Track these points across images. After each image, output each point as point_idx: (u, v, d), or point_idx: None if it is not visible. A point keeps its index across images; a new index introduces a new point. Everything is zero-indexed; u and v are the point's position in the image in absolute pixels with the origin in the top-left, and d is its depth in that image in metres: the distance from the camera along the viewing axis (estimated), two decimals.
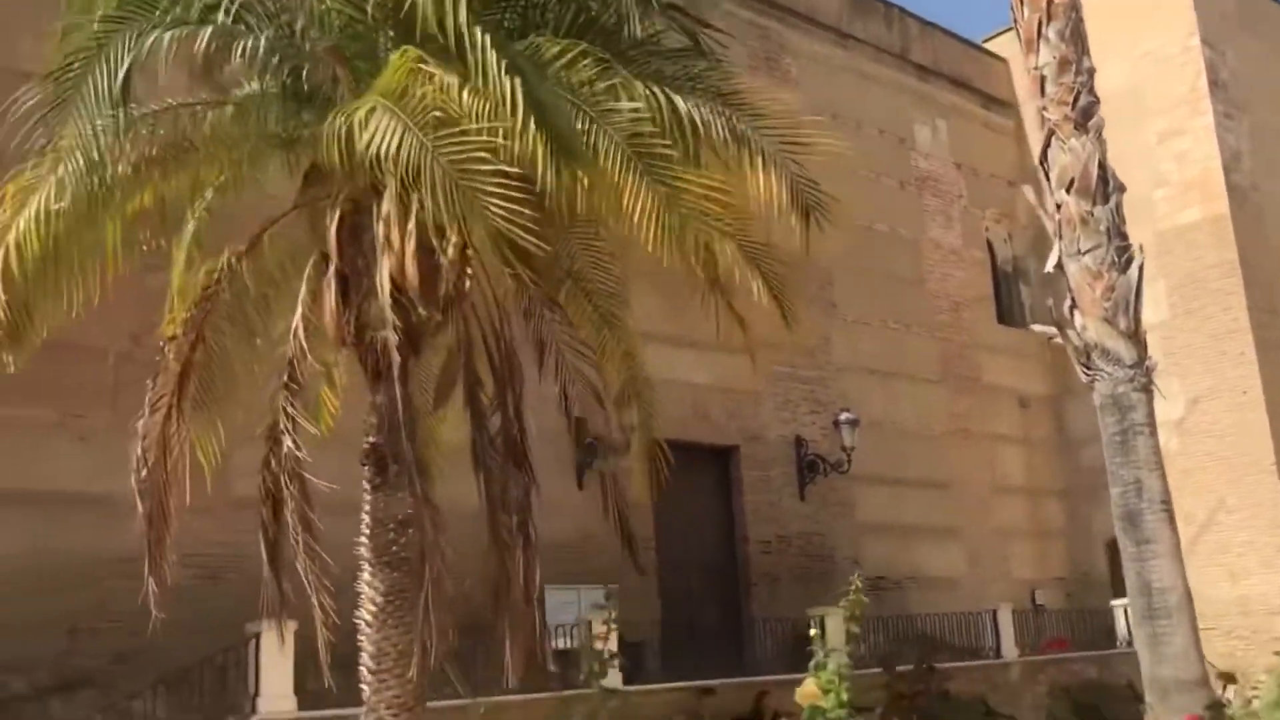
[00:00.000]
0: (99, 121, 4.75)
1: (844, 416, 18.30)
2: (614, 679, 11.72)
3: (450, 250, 4.83)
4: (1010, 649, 17.81)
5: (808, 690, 6.77)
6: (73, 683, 12.98)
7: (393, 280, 4.76)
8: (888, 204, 20.97)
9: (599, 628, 11.57)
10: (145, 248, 5.36)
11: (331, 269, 5.03)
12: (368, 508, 5.14)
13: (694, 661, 15.14)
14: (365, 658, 5.04)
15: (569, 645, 14.18)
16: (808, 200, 5.75)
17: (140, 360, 13.50)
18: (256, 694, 11.28)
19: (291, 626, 11.54)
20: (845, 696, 6.64)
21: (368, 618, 5.04)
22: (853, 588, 6.60)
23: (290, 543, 5.38)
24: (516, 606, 5.09)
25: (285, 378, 5.16)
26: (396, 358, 4.76)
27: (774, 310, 6.71)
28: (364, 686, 5.06)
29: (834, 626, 13.24)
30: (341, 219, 5.07)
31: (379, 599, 5.00)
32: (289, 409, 5.06)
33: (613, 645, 12.11)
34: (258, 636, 11.47)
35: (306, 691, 11.65)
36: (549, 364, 5.60)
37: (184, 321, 5.34)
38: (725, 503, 18.04)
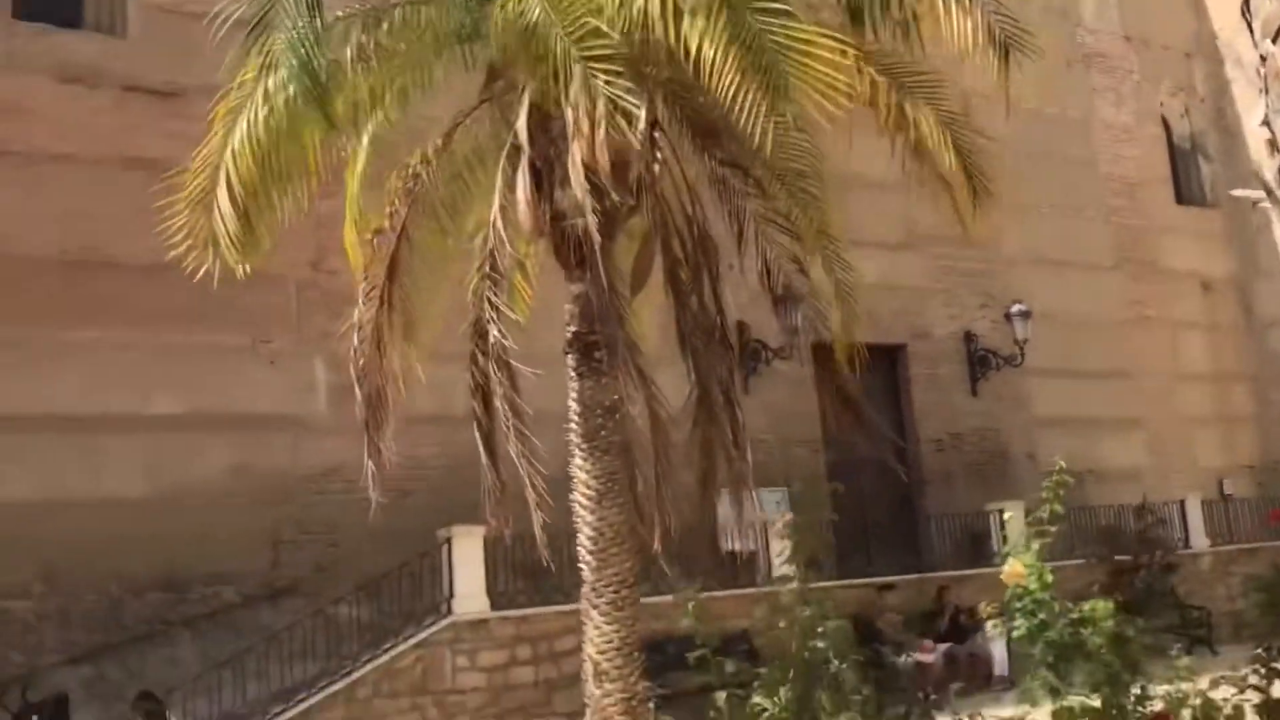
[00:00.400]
0: (299, 27, 4.84)
1: (1015, 309, 17.74)
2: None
3: (639, 133, 4.79)
4: (1200, 540, 17.18)
5: (1013, 570, 6.62)
6: (279, 591, 13.80)
7: (585, 166, 4.74)
8: (1054, 84, 19.95)
9: (783, 521, 11.56)
10: (342, 154, 5.48)
11: (524, 159, 5.04)
12: (574, 395, 5.20)
13: (868, 561, 15.12)
14: (583, 539, 5.15)
15: (745, 548, 14.32)
16: (1006, 37, 5.42)
17: (319, 286, 14.11)
18: (451, 595, 11.76)
19: (479, 531, 12.03)
20: (1049, 577, 6.47)
21: (583, 500, 5.13)
22: (1056, 468, 6.39)
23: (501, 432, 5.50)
24: (730, 482, 5.08)
25: (487, 268, 5.23)
26: (597, 238, 4.75)
27: (963, 186, 6.42)
28: (582, 566, 5.18)
29: (1014, 520, 12.99)
30: (531, 109, 5.06)
31: (593, 483, 5.07)
32: (492, 299, 5.13)
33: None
34: (449, 541, 11.92)
35: (496, 593, 12.13)
36: (748, 235, 5.49)
37: (389, 215, 5.46)
38: (894, 402, 17.78)
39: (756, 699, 5.81)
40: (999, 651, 13.82)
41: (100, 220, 13.26)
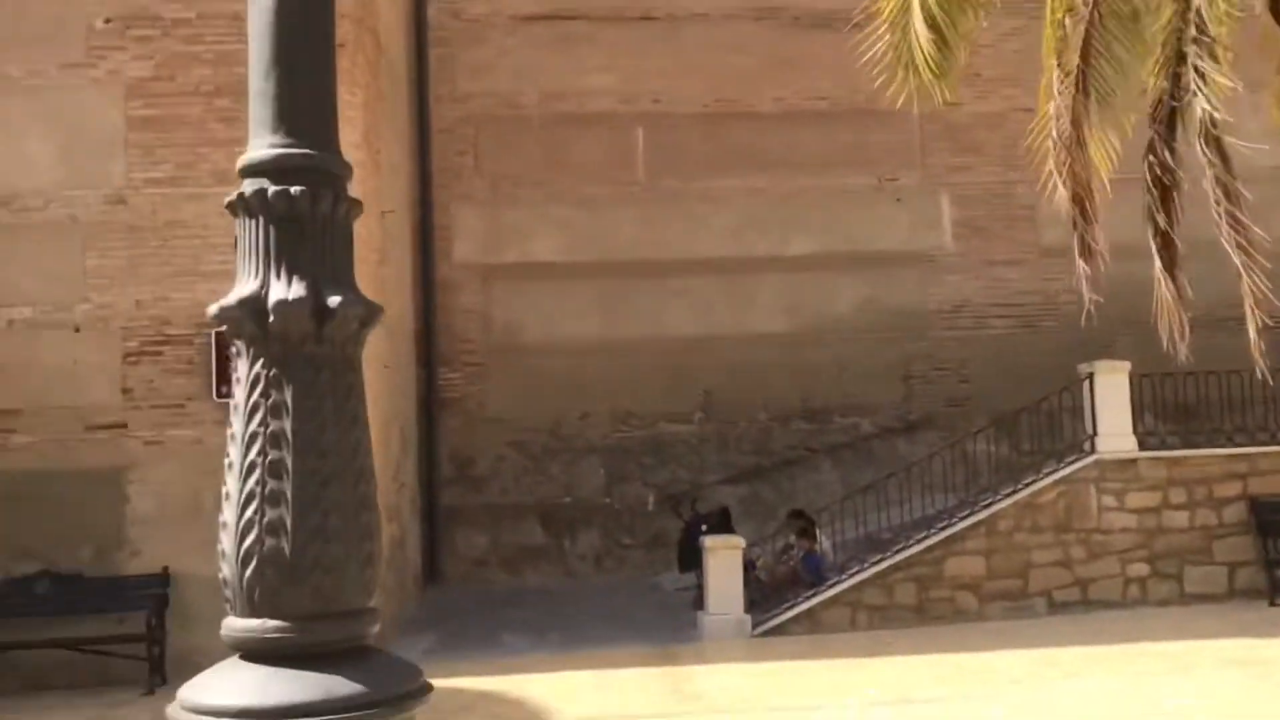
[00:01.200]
0: None
1: None
2: None
3: None
4: None
5: None
6: (912, 425, 14.13)
7: None
8: None
9: None
10: None
11: None
12: None
13: None
14: None
15: None
16: None
17: (941, 120, 13.83)
18: (1094, 433, 11.15)
19: (1124, 367, 11.24)
20: None
21: None
22: None
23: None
24: None
25: (1193, 31, 4.58)
26: None
27: None
28: None
29: None
30: None
31: None
32: (1199, 64, 4.49)
33: None
34: (1091, 378, 11.28)
35: (1141, 433, 11.30)
36: None
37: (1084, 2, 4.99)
38: None
39: None
40: None
41: (734, 73, 14.08)
